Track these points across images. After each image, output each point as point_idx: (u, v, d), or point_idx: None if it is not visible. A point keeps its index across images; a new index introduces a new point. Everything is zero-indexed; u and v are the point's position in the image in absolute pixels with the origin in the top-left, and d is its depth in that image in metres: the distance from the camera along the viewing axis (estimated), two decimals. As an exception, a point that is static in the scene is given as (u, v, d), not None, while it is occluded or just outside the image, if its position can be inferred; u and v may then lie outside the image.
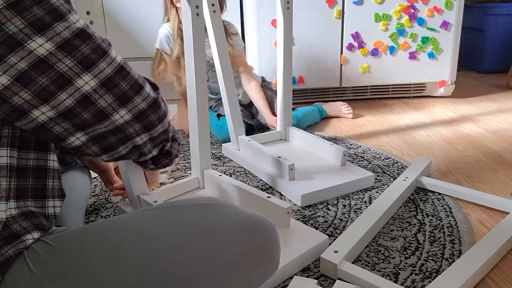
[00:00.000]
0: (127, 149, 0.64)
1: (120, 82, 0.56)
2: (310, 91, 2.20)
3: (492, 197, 1.08)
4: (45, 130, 0.54)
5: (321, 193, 1.13)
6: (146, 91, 0.60)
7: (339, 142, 1.58)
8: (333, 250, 0.84)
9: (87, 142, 0.58)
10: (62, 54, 0.50)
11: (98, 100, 0.54)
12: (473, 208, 1.08)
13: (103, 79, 0.54)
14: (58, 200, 0.62)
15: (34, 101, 0.50)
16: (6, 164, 0.54)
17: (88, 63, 0.52)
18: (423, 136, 1.66)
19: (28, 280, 0.49)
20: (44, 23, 0.48)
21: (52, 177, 0.62)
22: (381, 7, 2.05)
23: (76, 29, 0.51)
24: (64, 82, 0.51)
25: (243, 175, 1.31)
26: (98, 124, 0.56)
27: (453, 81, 2.20)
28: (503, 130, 1.71)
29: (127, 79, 0.57)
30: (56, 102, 0.51)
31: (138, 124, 0.60)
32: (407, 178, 1.16)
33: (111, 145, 0.61)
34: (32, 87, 0.49)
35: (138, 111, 0.59)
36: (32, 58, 0.48)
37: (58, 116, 0.53)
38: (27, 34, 0.47)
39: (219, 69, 1.32)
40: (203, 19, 1.04)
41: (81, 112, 0.54)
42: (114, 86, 0.55)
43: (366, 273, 0.78)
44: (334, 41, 2.08)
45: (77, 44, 0.51)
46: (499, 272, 0.83)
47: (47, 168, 0.61)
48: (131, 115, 0.59)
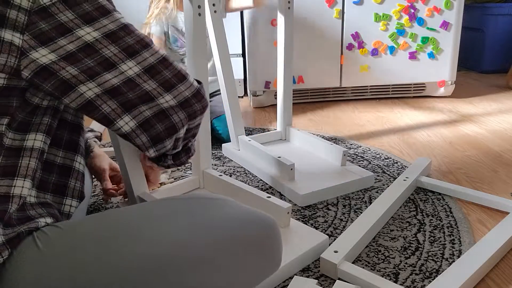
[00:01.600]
0: (171, 143, 0.65)
1: (163, 70, 0.60)
2: (310, 91, 2.20)
3: (492, 197, 1.08)
4: (94, 108, 0.57)
5: (321, 193, 1.13)
6: (189, 81, 0.63)
7: (339, 142, 1.58)
8: (333, 250, 0.84)
9: (136, 129, 0.60)
10: (108, 42, 0.56)
11: (143, 84, 0.58)
12: (473, 208, 1.08)
13: (146, 66, 0.58)
14: (76, 200, 0.65)
15: (80, 76, 0.54)
16: (40, 147, 0.58)
17: (132, 52, 0.57)
18: (423, 136, 1.66)
19: (36, 257, 0.52)
20: (91, 17, 0.55)
21: (75, 178, 0.65)
22: (381, 7, 2.05)
23: (121, 24, 0.57)
24: (109, 65, 0.56)
25: (243, 175, 1.31)
26: (144, 105, 0.59)
27: (453, 81, 2.20)
28: (503, 130, 1.71)
29: (170, 69, 0.61)
30: (102, 80, 0.55)
31: (182, 112, 0.62)
32: (407, 178, 1.16)
33: (158, 136, 0.62)
34: (79, 65, 0.54)
35: (182, 98, 0.62)
36: (80, 42, 0.54)
37: (105, 93, 0.56)
38: (77, 24, 0.54)
39: (219, 69, 1.32)
40: (204, 19, 1.05)
41: (127, 92, 0.57)
42: (157, 73, 0.59)
43: (366, 273, 0.78)
44: (334, 41, 2.08)
45: (122, 35, 0.57)
46: (499, 272, 0.83)
47: (72, 168, 0.65)
48: (176, 101, 0.61)
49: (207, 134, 1.13)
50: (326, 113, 2.03)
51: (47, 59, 0.53)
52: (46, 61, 0.53)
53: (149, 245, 0.54)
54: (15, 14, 0.51)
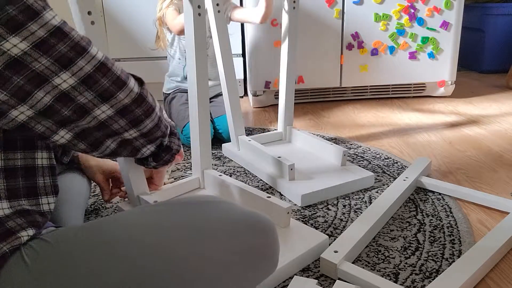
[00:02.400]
0: (115, 143, 0.63)
1: (100, 79, 0.54)
2: (310, 91, 2.20)
3: (492, 197, 1.08)
4: (27, 129, 0.53)
5: (321, 193, 1.13)
6: (129, 86, 0.58)
7: (339, 142, 1.58)
8: (333, 250, 0.84)
9: (73, 140, 0.58)
10: (38, 54, 0.48)
11: (78, 97, 0.53)
12: (473, 208, 1.08)
13: (83, 76, 0.52)
14: (52, 196, 0.61)
15: (11, 101, 0.49)
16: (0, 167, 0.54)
17: (66, 62, 0.51)
18: (423, 136, 1.66)
19: (25, 275, 0.49)
20: (17, 22, 0.46)
21: (42, 175, 0.61)
22: (381, 7, 2.05)
23: (52, 27, 0.49)
24: (41, 81, 0.49)
25: (243, 175, 1.31)
26: (80, 121, 0.56)
27: (453, 81, 2.20)
28: (503, 130, 1.71)
29: (108, 76, 0.55)
30: (33, 101, 0.50)
31: (122, 119, 0.60)
32: (407, 178, 1.16)
33: (97, 141, 0.60)
34: (8, 87, 0.48)
35: (121, 106, 0.58)
36: (6, 58, 0.47)
37: (38, 114, 0.52)
38: (0, 35, 0.46)
39: (221, 69, 1.31)
40: (204, 19, 1.05)
41: (61, 109, 0.53)
42: (95, 83, 0.54)
43: (366, 273, 0.78)
44: (334, 41, 2.08)
45: (54, 43, 0.49)
46: (499, 272, 0.83)
47: (35, 167, 0.60)
48: (113, 110, 0.58)
49: (207, 134, 1.13)
50: (326, 113, 2.03)
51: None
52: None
53: (148, 249, 0.53)
54: None
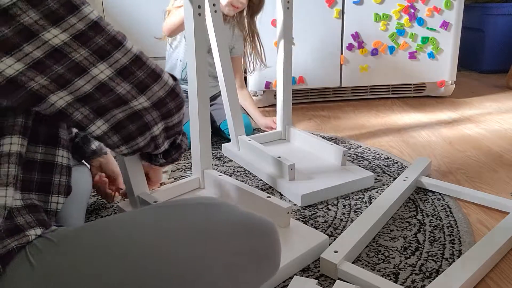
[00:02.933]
0: (145, 140, 0.65)
1: (136, 71, 0.57)
2: (310, 91, 2.20)
3: (492, 197, 1.08)
4: (65, 116, 0.55)
5: (321, 193, 1.13)
6: (163, 79, 0.61)
7: (339, 142, 1.58)
8: (333, 250, 0.84)
9: (108, 132, 0.59)
10: (77, 45, 0.51)
11: (116, 88, 0.56)
12: (473, 208, 1.08)
13: (119, 68, 0.55)
14: (62, 196, 0.62)
15: (51, 86, 0.51)
16: (17, 151, 0.55)
17: (103, 53, 0.53)
18: (423, 136, 1.66)
19: (29, 274, 0.50)
20: (58, 16, 0.49)
21: (59, 173, 0.62)
22: (381, 7, 2.05)
23: (90, 21, 0.52)
24: (80, 71, 0.52)
25: (243, 175, 1.31)
26: (117, 109, 0.58)
27: (453, 81, 2.20)
28: (503, 130, 1.71)
29: (143, 68, 0.58)
30: (73, 88, 0.53)
31: (156, 111, 0.62)
32: (407, 178, 1.16)
33: (130, 135, 0.62)
34: (48, 73, 0.50)
35: (156, 99, 0.61)
36: (47, 47, 0.49)
37: (76, 101, 0.54)
38: (42, 26, 0.48)
39: (220, 69, 1.32)
40: (204, 19, 1.05)
41: (100, 98, 0.55)
42: (130, 75, 0.57)
43: (366, 273, 0.78)
44: (334, 41, 2.08)
45: (92, 36, 0.52)
46: (499, 272, 0.83)
47: (55, 163, 0.62)
48: (150, 102, 0.60)
49: (207, 133, 1.13)
50: (326, 113, 2.03)
51: (13, 70, 0.48)
52: (12, 73, 0.48)
53: (148, 251, 0.53)
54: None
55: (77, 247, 0.53)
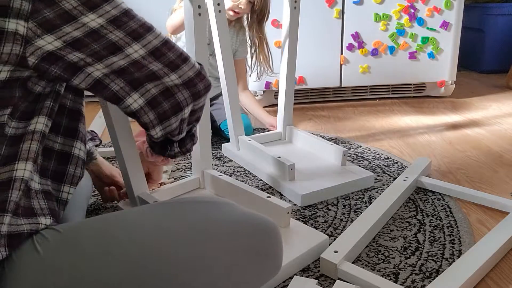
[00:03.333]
0: (177, 122, 0.66)
1: (167, 52, 0.62)
2: (310, 91, 2.20)
3: (492, 197, 1.08)
4: (103, 87, 0.58)
5: (321, 193, 1.13)
6: (191, 62, 0.65)
7: (339, 142, 1.58)
8: (333, 250, 0.84)
9: (144, 107, 0.62)
10: (112, 27, 0.56)
11: (149, 65, 0.60)
12: (473, 208, 1.08)
13: (151, 48, 0.60)
14: (73, 187, 0.65)
15: (88, 59, 0.55)
16: (41, 130, 0.58)
17: (137, 35, 0.58)
18: (423, 136, 1.66)
19: (36, 262, 0.52)
20: (95, 3, 0.54)
21: (74, 164, 0.65)
22: (381, 7, 2.05)
23: (123, 9, 0.58)
24: (115, 49, 0.57)
25: (243, 175, 1.31)
26: (150, 83, 0.61)
27: (453, 81, 2.20)
28: (503, 130, 1.71)
29: (173, 51, 0.62)
30: (109, 62, 0.57)
31: (187, 90, 0.64)
32: (407, 178, 1.16)
33: (165, 113, 0.63)
34: (85, 50, 0.55)
35: (187, 78, 0.64)
36: (85, 29, 0.54)
37: (112, 72, 0.58)
38: (80, 11, 0.53)
39: (222, 69, 1.31)
40: (205, 19, 1.04)
41: (134, 72, 0.59)
42: (162, 55, 0.61)
43: (366, 273, 0.78)
44: (334, 41, 2.08)
45: (125, 20, 0.58)
46: (499, 272, 0.83)
47: (71, 155, 0.65)
48: (181, 80, 0.63)
49: (207, 134, 1.13)
50: (326, 113, 2.03)
51: (53, 46, 0.53)
52: (52, 48, 0.53)
53: (147, 251, 0.54)
54: (19, 3, 0.50)
55: (83, 239, 0.55)
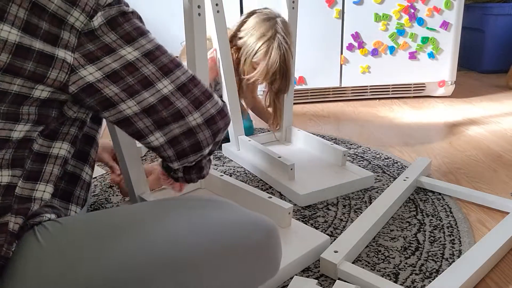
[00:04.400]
0: (196, 159, 0.68)
1: (192, 88, 0.63)
2: (310, 91, 2.20)
3: (492, 197, 1.08)
4: (130, 124, 0.61)
5: (321, 193, 1.13)
6: (215, 99, 0.66)
7: (339, 142, 1.58)
8: (333, 250, 0.84)
9: (165, 144, 0.63)
10: (146, 61, 0.60)
11: (176, 102, 0.62)
12: (473, 208, 1.08)
13: (179, 84, 0.62)
14: (80, 208, 0.68)
15: (122, 94, 0.58)
16: (64, 156, 0.62)
17: (167, 70, 0.61)
18: (423, 136, 1.66)
19: (37, 251, 0.53)
20: (131, 37, 0.59)
21: (81, 187, 0.68)
22: (381, 7, 2.05)
23: (156, 44, 0.62)
24: (147, 84, 0.60)
25: (243, 175, 1.31)
26: (174, 123, 0.62)
27: (453, 81, 2.20)
28: (503, 130, 1.71)
29: (198, 87, 0.64)
30: (140, 98, 0.60)
31: (208, 129, 0.65)
32: (407, 178, 1.16)
33: (184, 151, 0.65)
34: (121, 83, 0.58)
35: (209, 115, 0.64)
36: (123, 61, 0.58)
37: (142, 111, 0.60)
38: (119, 44, 0.58)
39: (221, 70, 1.31)
40: (204, 19, 1.04)
41: (162, 110, 0.61)
42: (188, 91, 0.63)
43: (366, 273, 0.78)
44: (334, 41, 2.08)
45: (158, 55, 0.61)
46: (499, 272, 0.83)
47: (80, 178, 0.69)
48: (203, 118, 0.64)
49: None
50: (326, 113, 2.03)
51: (93, 77, 0.57)
52: (92, 79, 0.57)
53: (148, 244, 0.55)
54: (68, 35, 0.55)
55: (84, 230, 0.57)
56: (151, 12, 2.22)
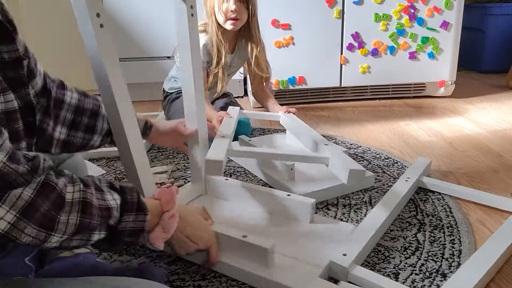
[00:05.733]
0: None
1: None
2: (310, 91, 2.20)
3: (492, 197, 1.08)
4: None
5: (321, 193, 1.13)
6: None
7: (339, 142, 1.58)
8: (342, 253, 0.82)
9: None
10: None
11: None
12: (473, 208, 1.08)
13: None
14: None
15: None
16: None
17: None
18: (423, 136, 1.66)
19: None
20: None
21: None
22: (381, 7, 2.05)
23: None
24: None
25: (243, 175, 1.31)
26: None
27: (453, 81, 2.20)
28: (503, 130, 1.71)
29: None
30: None
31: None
32: (409, 179, 1.15)
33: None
34: None
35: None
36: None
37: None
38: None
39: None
40: (197, 20, 1.03)
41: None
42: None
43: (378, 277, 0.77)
44: (334, 41, 2.08)
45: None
46: (499, 272, 0.83)
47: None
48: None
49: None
50: (326, 113, 2.03)
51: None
52: None
53: None
54: None
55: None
56: (151, 11, 2.22)
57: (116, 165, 1.40)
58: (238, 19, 1.52)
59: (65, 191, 0.55)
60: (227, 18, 1.51)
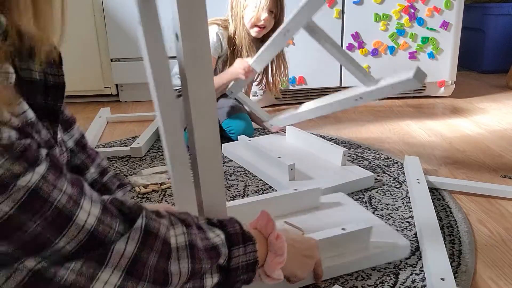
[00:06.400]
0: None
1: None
2: (310, 91, 2.20)
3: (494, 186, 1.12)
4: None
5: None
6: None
7: (339, 142, 1.58)
8: None
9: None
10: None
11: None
12: (473, 208, 1.08)
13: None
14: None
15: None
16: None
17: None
18: (423, 136, 1.66)
19: None
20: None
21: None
22: (381, 7, 2.05)
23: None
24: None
25: (243, 175, 1.31)
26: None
27: (453, 81, 2.20)
28: (503, 130, 1.71)
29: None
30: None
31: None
32: (419, 180, 1.15)
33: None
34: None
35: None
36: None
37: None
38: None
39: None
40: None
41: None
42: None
43: None
44: (334, 41, 2.08)
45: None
46: (499, 272, 0.83)
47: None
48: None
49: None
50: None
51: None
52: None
53: None
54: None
55: None
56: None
57: (116, 165, 1.40)
58: (265, 27, 1.54)
59: (169, 235, 0.49)
60: (254, 24, 1.52)
